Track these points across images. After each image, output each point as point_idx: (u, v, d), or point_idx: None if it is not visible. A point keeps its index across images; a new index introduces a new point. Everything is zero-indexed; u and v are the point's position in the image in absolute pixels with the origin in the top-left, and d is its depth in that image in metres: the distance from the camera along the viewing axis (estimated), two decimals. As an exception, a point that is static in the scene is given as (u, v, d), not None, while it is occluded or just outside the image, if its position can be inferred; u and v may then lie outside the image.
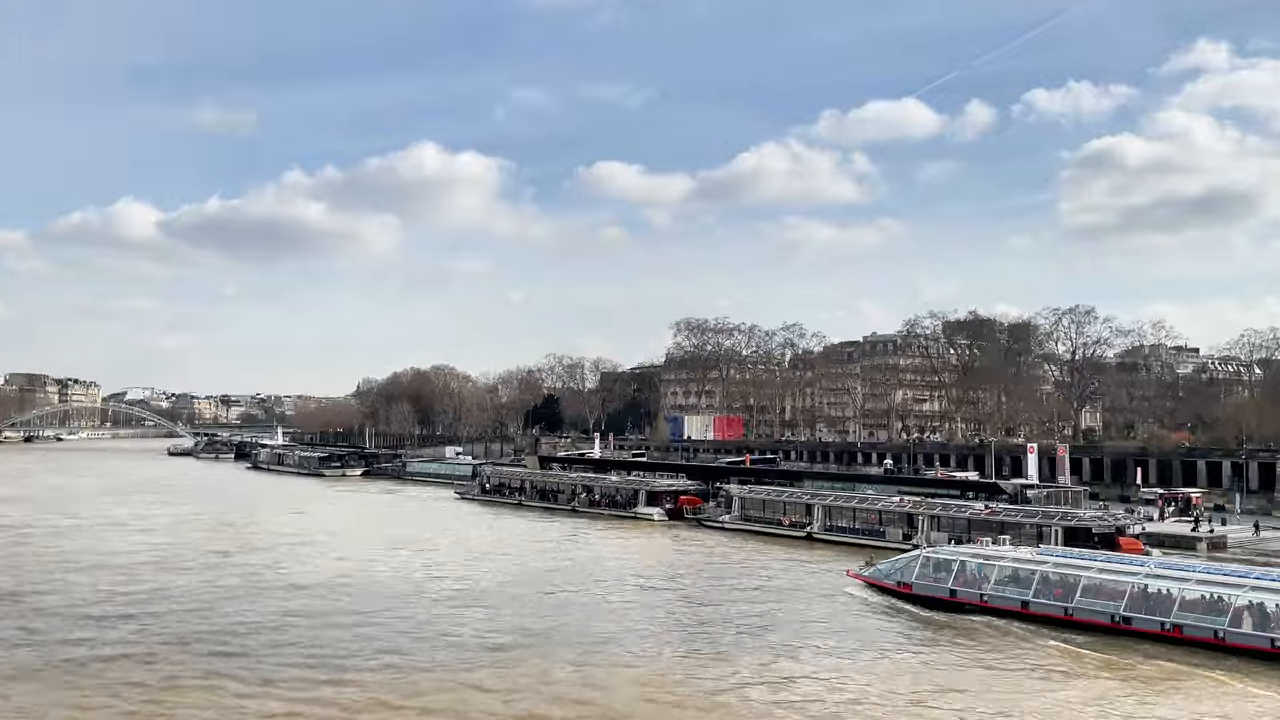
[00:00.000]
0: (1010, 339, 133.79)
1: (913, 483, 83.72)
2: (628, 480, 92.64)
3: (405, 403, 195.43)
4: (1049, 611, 40.75)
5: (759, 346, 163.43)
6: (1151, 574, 40.31)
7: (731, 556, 61.66)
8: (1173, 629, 37.24)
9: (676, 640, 38.31)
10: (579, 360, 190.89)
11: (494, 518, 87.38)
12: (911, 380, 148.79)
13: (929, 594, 44.69)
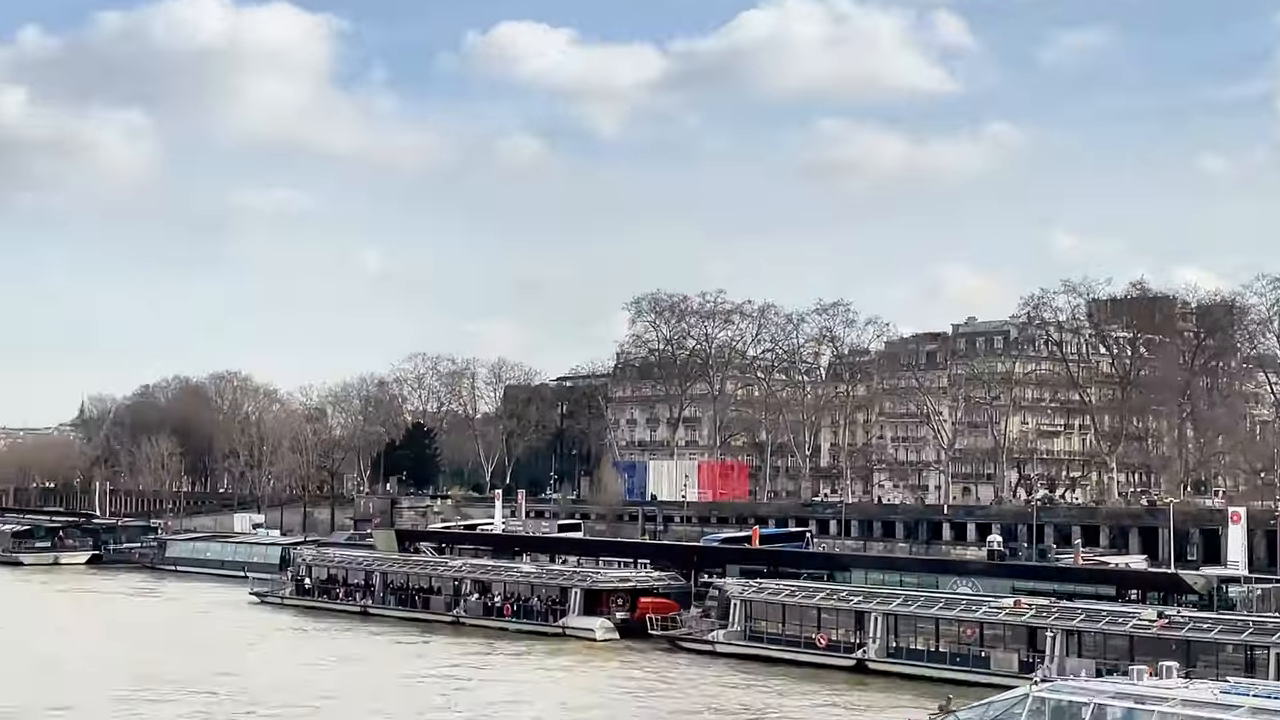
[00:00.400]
0: (1202, 330, 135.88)
1: (1037, 574, 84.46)
2: (552, 572, 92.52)
3: (164, 438, 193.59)
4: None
5: (777, 342, 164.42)
6: None
7: (720, 701, 61.52)
8: None
9: None
10: (466, 365, 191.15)
11: (320, 640, 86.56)
12: (1036, 400, 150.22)
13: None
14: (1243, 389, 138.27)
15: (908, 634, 69.96)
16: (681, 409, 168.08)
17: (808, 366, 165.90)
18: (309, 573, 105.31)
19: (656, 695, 64.99)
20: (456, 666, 73.30)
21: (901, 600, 73.46)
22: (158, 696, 63.16)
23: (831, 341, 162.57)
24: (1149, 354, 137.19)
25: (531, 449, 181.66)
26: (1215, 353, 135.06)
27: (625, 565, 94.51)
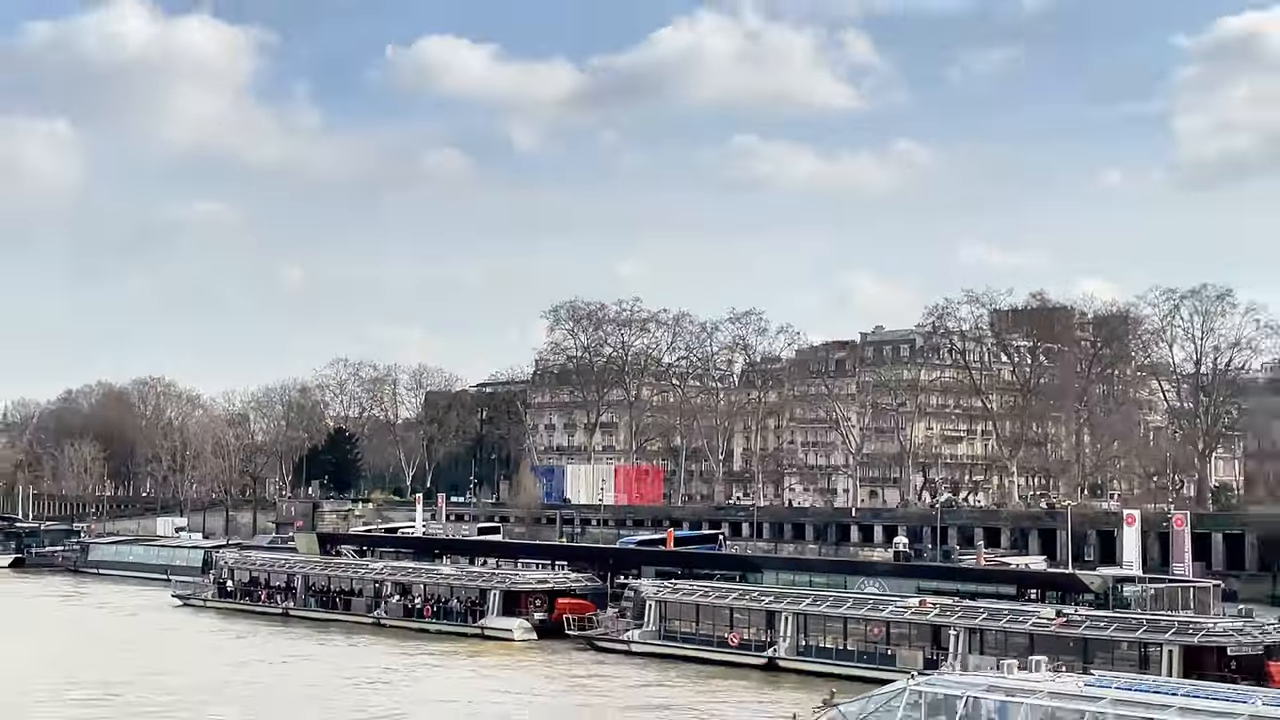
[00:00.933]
0: (1098, 339, 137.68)
1: (941, 575, 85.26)
2: (471, 574, 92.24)
3: (87, 443, 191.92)
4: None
5: (691, 350, 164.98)
6: (1257, 715, 41.70)
7: (632, 700, 61.61)
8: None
9: None
10: (389, 372, 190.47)
11: (241, 640, 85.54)
12: (940, 406, 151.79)
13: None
14: (1137, 396, 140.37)
15: (817, 633, 70.33)
16: (598, 415, 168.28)
17: (721, 373, 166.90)
18: (231, 575, 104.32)
19: (573, 694, 65.21)
20: (375, 667, 72.82)
21: (811, 600, 73.81)
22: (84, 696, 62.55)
23: (744, 349, 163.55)
24: (1048, 362, 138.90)
25: (452, 454, 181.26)
26: (1111, 361, 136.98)
27: (543, 567, 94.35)
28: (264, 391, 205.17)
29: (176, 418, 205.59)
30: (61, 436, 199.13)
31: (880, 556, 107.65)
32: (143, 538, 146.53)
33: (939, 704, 46.15)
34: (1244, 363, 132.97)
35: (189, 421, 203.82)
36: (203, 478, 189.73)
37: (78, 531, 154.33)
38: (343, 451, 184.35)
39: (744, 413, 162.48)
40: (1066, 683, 47.25)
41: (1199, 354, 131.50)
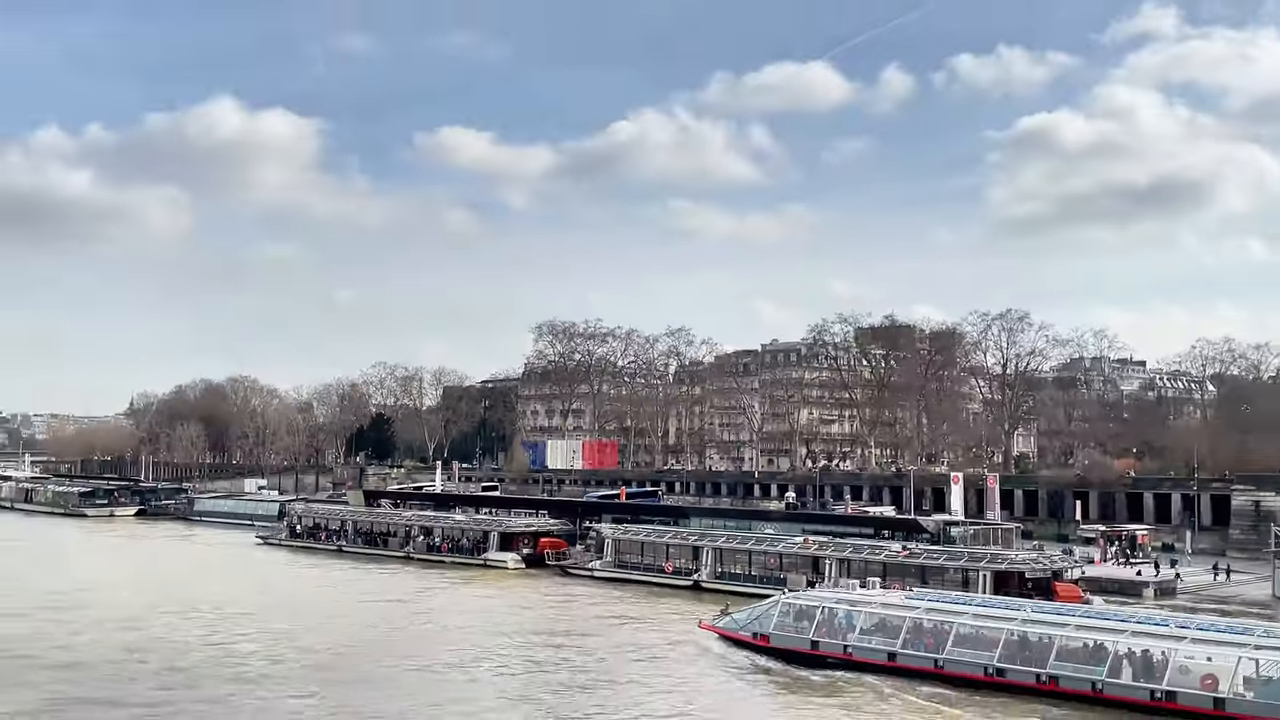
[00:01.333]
0: (932, 349, 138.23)
1: (819, 520, 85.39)
2: (476, 520, 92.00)
3: (193, 424, 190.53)
4: (918, 664, 42.73)
5: (638, 356, 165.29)
6: (1029, 619, 42.84)
7: (591, 612, 62.11)
8: (1049, 681, 39.66)
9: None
10: (416, 371, 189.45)
11: (307, 568, 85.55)
12: (819, 397, 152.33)
13: (789, 646, 46.45)
14: (960, 390, 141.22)
15: (730, 562, 70.53)
16: (570, 404, 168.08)
17: (660, 373, 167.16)
18: (299, 521, 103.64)
19: (552, 603, 65.71)
20: (408, 589, 72.92)
21: (725, 539, 74.21)
22: (194, 606, 62.20)
23: (677, 356, 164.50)
24: (896, 366, 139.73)
25: (463, 432, 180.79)
26: (942, 365, 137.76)
27: (529, 515, 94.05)
28: (324, 386, 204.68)
29: (259, 406, 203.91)
30: (174, 419, 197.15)
31: (775, 507, 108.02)
32: (233, 494, 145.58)
33: (802, 612, 47.71)
34: (1037, 366, 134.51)
35: (268, 409, 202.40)
36: (278, 450, 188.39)
37: (185, 489, 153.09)
38: (382, 431, 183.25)
39: (676, 402, 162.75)
40: (893, 596, 49.58)
41: (1005, 360, 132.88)
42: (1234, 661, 36.36)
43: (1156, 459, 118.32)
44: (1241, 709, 35.49)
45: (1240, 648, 36.99)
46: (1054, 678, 39.57)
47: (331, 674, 44.97)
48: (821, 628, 46.27)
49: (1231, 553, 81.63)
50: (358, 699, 40.41)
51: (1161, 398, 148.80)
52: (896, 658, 43.31)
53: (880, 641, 44.36)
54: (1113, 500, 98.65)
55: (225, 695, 40.45)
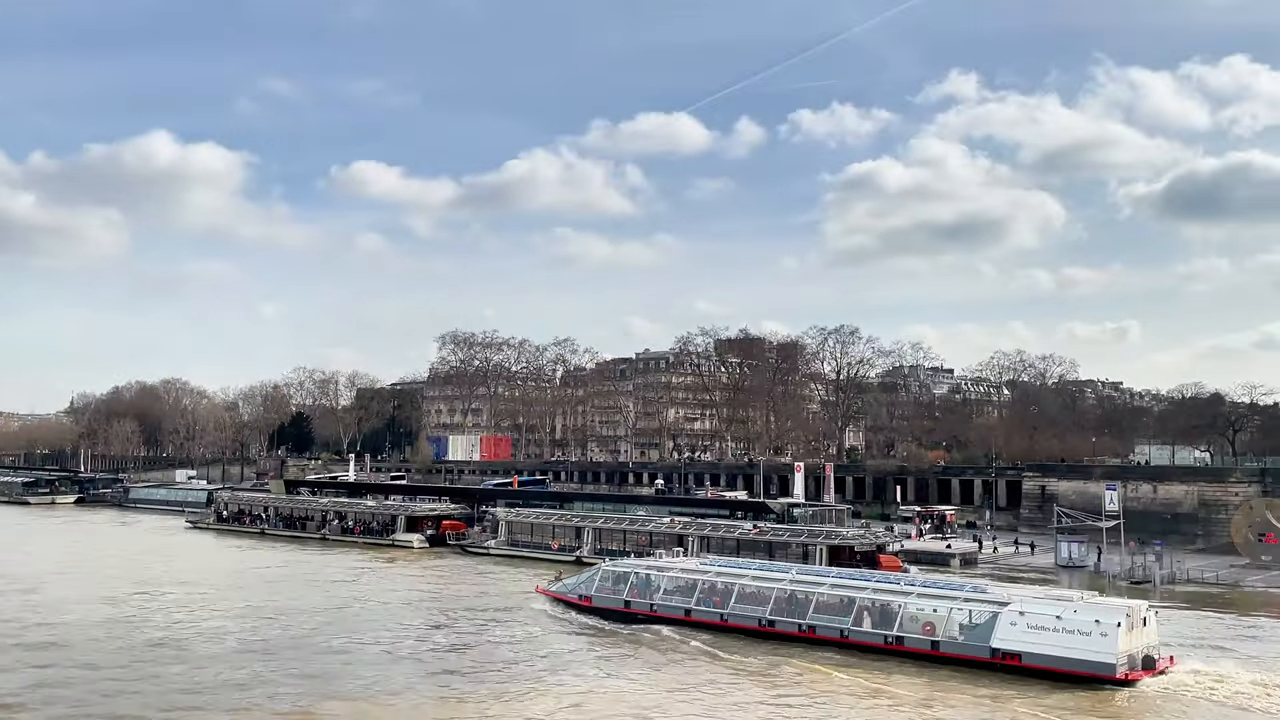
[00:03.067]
0: (779, 358, 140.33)
1: (683, 503, 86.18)
2: (385, 505, 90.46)
3: (129, 420, 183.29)
4: (708, 618, 44.94)
5: (529, 362, 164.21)
6: (795, 580, 45.20)
7: (472, 581, 62.04)
8: (808, 629, 42.23)
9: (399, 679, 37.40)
10: (332, 375, 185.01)
11: (231, 550, 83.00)
12: (684, 398, 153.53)
13: (606, 606, 48.25)
14: (801, 393, 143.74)
15: (608, 540, 70.74)
16: (470, 403, 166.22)
17: (548, 377, 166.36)
18: (226, 508, 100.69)
19: (452, 574, 65.29)
20: (321, 566, 71.23)
21: (603, 520, 74.51)
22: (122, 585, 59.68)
23: (563, 362, 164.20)
24: (749, 372, 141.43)
25: (374, 428, 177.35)
26: (787, 372, 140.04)
27: (434, 500, 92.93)
28: (249, 388, 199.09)
29: (190, 405, 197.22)
30: (111, 416, 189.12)
31: (647, 492, 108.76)
32: (165, 484, 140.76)
33: (619, 577, 49.28)
34: (865, 373, 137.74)
35: (198, 407, 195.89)
36: (207, 444, 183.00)
37: (121, 479, 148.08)
38: (301, 427, 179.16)
39: (562, 402, 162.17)
40: (691, 562, 51.91)
41: (839, 367, 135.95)
42: (948, 612, 39.39)
43: (962, 451, 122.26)
44: (952, 649, 38.56)
45: (953, 601, 39.95)
46: (812, 627, 42.11)
47: (259, 631, 44.16)
48: (633, 590, 48.12)
49: (1022, 529, 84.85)
50: (284, 644, 39.46)
51: (966, 400, 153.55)
52: (691, 613, 45.46)
53: (679, 600, 46.36)
54: (927, 485, 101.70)
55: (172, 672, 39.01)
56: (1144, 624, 37.05)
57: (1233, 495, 77.60)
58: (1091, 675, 35.21)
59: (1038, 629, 36.82)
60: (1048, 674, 35.88)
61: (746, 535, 64.23)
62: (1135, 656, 35.78)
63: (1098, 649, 35.38)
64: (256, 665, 38.56)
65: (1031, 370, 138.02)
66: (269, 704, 32.90)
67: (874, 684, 35.80)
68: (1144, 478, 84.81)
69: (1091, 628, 35.83)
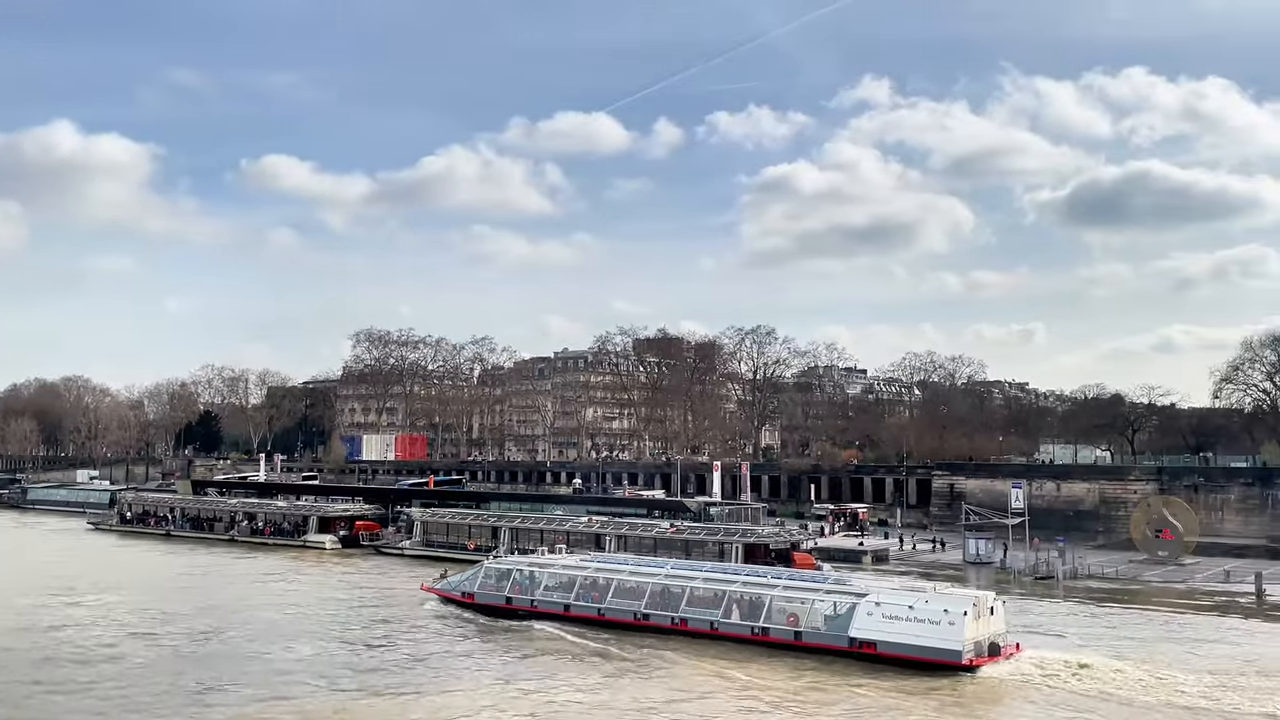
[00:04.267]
0: (697, 358, 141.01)
1: (601, 502, 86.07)
2: (297, 506, 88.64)
3: (27, 419, 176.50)
4: (586, 613, 45.89)
5: (446, 361, 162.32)
6: (669, 575, 46.46)
7: (374, 581, 61.16)
8: (680, 621, 43.35)
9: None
10: (242, 373, 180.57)
11: (132, 552, 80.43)
12: (602, 398, 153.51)
13: (489, 602, 48.90)
14: (719, 392, 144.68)
15: (524, 540, 70.09)
16: (385, 402, 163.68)
17: (465, 376, 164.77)
18: (129, 508, 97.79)
19: (363, 575, 64.29)
20: (228, 567, 69.53)
21: (520, 520, 74.08)
22: (24, 576, 57.46)
23: (480, 361, 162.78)
24: (667, 372, 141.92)
25: (285, 428, 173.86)
26: (704, 372, 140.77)
27: (347, 501, 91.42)
28: (155, 386, 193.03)
29: (92, 403, 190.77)
30: (8, 415, 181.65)
31: (564, 492, 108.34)
32: (66, 484, 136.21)
33: (502, 574, 49.91)
34: (780, 373, 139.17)
35: (100, 406, 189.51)
36: (110, 444, 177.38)
37: (19, 480, 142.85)
38: (209, 426, 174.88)
39: (480, 401, 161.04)
40: (571, 559, 52.35)
41: (755, 368, 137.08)
42: (811, 604, 41.08)
43: (874, 450, 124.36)
44: (813, 639, 40.04)
45: (815, 593, 41.67)
46: (684, 619, 43.26)
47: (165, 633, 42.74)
48: (515, 586, 48.83)
49: (932, 526, 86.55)
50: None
51: (879, 400, 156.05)
52: (571, 608, 46.27)
53: (559, 596, 47.18)
54: (840, 484, 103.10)
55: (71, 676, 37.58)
56: (991, 613, 39.01)
57: (1132, 493, 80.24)
58: (939, 662, 37.01)
59: (892, 619, 38.63)
60: (900, 661, 37.58)
61: (664, 534, 64.37)
62: (981, 644, 37.69)
63: (945, 637, 37.24)
64: (150, 674, 37.24)
65: (941, 371, 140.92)
66: (161, 712, 31.92)
67: (743, 675, 36.86)
68: (1048, 476, 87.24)
69: (940, 617, 37.73)
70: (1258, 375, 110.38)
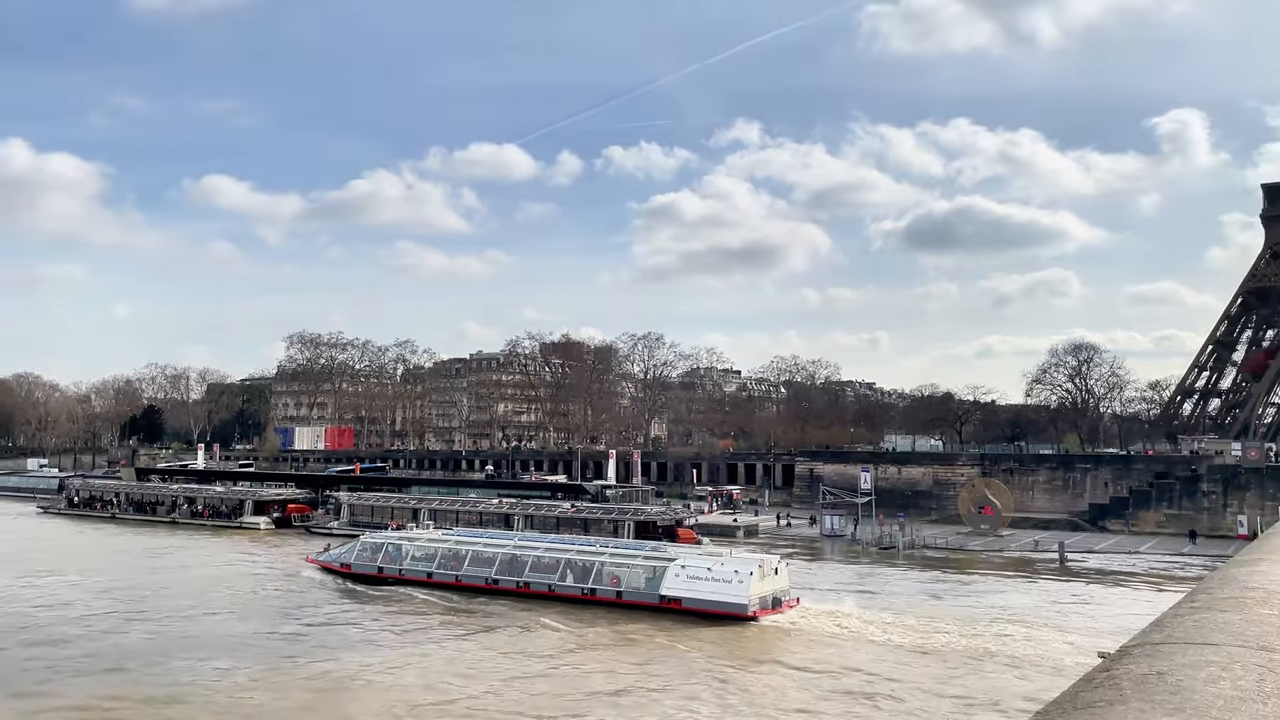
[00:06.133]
0: (596, 360, 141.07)
1: (511, 486, 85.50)
2: (233, 490, 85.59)
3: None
4: (445, 579, 46.70)
5: (372, 361, 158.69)
6: (517, 545, 47.64)
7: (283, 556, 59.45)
8: (524, 585, 44.63)
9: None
10: (184, 371, 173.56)
11: (79, 533, 76.52)
12: (512, 394, 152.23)
13: (363, 572, 49.31)
14: (614, 390, 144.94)
15: (442, 520, 68.96)
16: (316, 398, 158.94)
17: (390, 375, 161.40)
18: (77, 494, 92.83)
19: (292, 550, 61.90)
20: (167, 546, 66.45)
21: (438, 502, 72.91)
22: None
23: (403, 361, 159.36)
24: (569, 372, 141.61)
25: (224, 420, 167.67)
26: (602, 372, 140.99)
27: (280, 486, 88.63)
28: (102, 382, 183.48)
29: (42, 398, 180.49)
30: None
31: (478, 477, 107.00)
32: (17, 471, 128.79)
33: (375, 547, 50.50)
34: (668, 373, 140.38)
35: (50, 400, 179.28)
36: (59, 435, 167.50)
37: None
38: (152, 419, 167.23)
39: (402, 397, 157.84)
40: (436, 533, 53.26)
41: (646, 369, 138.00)
42: (630, 568, 42.92)
43: (747, 439, 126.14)
44: (632, 597, 41.80)
45: (635, 559, 43.53)
46: (527, 583, 44.49)
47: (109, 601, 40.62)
48: (386, 556, 49.27)
49: (795, 505, 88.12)
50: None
51: (751, 396, 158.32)
52: (433, 575, 47.03)
53: (423, 565, 47.83)
54: (718, 469, 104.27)
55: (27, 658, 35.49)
56: (775, 573, 41.21)
57: (959, 476, 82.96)
58: (729, 614, 38.91)
59: (694, 579, 40.51)
60: (700, 614, 39.32)
61: (565, 514, 64.17)
62: (766, 598, 39.75)
63: (735, 593, 39.30)
64: (62, 647, 35.32)
65: (803, 372, 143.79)
66: (60, 688, 30.17)
67: (573, 627, 38.53)
68: (891, 462, 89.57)
69: (731, 576, 39.74)
70: (1061, 377, 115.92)
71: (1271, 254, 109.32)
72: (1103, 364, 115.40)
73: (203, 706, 27.89)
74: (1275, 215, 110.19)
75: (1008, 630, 37.35)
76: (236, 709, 27.79)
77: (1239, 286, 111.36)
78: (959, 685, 30.14)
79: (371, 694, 29.23)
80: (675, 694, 29.18)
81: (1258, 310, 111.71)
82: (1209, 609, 3.19)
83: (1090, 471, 79.16)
